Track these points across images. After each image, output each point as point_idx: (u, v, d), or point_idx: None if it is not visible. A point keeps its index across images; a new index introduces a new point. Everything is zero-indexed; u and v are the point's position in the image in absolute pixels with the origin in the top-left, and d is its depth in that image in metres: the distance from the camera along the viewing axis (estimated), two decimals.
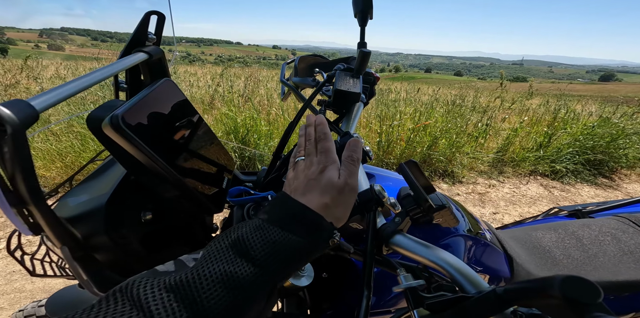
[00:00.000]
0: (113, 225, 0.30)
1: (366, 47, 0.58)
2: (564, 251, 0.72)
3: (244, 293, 0.24)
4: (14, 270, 1.47)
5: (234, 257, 0.26)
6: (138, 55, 0.36)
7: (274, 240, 0.27)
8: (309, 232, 0.29)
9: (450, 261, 0.28)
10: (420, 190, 0.32)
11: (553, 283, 0.17)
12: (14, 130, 0.20)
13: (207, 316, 0.22)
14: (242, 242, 0.27)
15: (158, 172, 0.30)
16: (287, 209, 0.30)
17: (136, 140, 0.27)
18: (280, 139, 0.51)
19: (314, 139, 0.37)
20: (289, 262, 0.27)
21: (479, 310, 0.22)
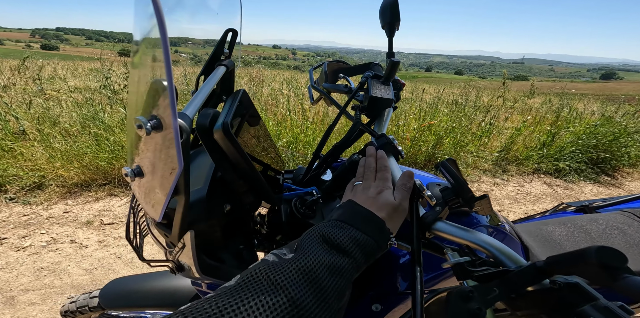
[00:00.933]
0: (209, 214, 0.36)
1: (394, 56, 0.63)
2: (574, 244, 0.77)
3: (343, 278, 0.29)
4: (42, 266, 1.52)
5: (330, 249, 0.31)
6: (221, 69, 0.42)
7: (355, 237, 0.33)
8: (376, 232, 0.35)
9: (490, 242, 0.33)
10: (464, 183, 0.37)
11: (589, 253, 0.22)
12: (187, 136, 0.26)
13: (323, 294, 0.27)
14: (332, 238, 0.32)
15: (244, 171, 0.36)
16: (358, 213, 0.36)
17: (238, 145, 0.33)
18: (319, 140, 0.57)
19: (374, 168, 0.45)
20: (368, 255, 0.33)
21: (521, 280, 0.27)
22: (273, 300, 0.24)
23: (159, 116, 0.23)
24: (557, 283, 0.26)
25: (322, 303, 0.26)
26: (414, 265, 0.34)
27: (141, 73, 0.26)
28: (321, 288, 0.27)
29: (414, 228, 0.37)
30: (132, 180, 0.28)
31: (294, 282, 0.26)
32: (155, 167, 0.26)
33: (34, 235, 1.75)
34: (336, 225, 0.34)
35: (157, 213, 0.27)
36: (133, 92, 0.29)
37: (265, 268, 0.28)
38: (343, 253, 0.31)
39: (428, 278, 0.50)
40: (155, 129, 0.23)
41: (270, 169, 0.49)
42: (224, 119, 0.32)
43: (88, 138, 2.30)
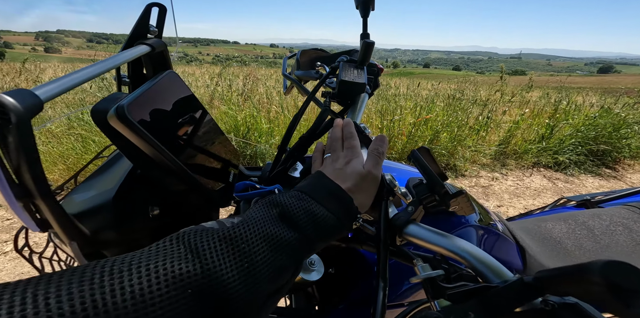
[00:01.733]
0: (121, 220, 0.29)
1: (369, 37, 0.57)
2: (576, 242, 0.71)
3: (285, 255, 0.25)
4: (22, 272, 1.47)
5: (278, 221, 0.27)
6: (140, 47, 0.35)
7: (313, 211, 0.29)
8: (340, 209, 0.30)
9: (470, 250, 0.27)
10: (435, 177, 0.31)
11: (593, 269, 0.16)
12: (19, 118, 0.19)
13: (253, 270, 0.23)
14: (285, 208, 0.28)
15: (165, 165, 0.29)
16: (323, 185, 0.32)
17: (142, 131, 0.26)
18: (284, 133, 0.50)
19: (341, 137, 0.40)
20: (324, 234, 0.29)
21: (505, 300, 0.21)
22: (183, 268, 0.20)
23: None
24: (550, 303, 0.20)
25: (249, 279, 0.22)
26: (378, 278, 0.28)
27: None
28: (252, 262, 0.23)
29: (380, 233, 0.31)
30: None
31: (217, 251, 0.23)
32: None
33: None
34: (295, 196, 0.30)
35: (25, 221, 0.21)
36: None
37: (193, 233, 0.24)
38: (293, 226, 0.27)
39: (407, 287, 0.44)
40: None
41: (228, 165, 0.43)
42: (120, 102, 0.25)
43: (73, 139, 2.23)
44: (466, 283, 0.24)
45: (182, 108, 0.35)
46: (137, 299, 0.18)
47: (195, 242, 0.23)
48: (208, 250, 0.22)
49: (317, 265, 0.44)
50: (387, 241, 0.31)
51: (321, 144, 0.44)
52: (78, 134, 2.24)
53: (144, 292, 0.18)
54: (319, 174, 0.34)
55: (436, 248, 0.29)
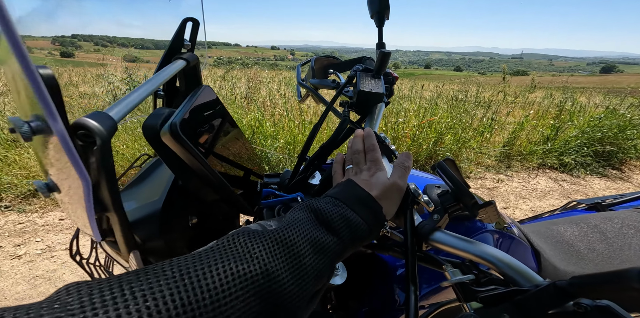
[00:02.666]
0: (167, 230, 0.31)
1: (385, 47, 0.59)
2: (588, 245, 0.72)
3: (326, 258, 0.27)
4: (37, 274, 1.49)
5: (318, 225, 0.29)
6: (178, 62, 0.37)
7: (347, 216, 0.30)
8: (370, 215, 0.32)
9: (498, 256, 0.28)
10: (464, 188, 0.32)
11: (630, 276, 0.17)
12: (102, 141, 0.21)
13: (302, 271, 0.24)
14: (323, 213, 0.30)
15: (205, 177, 0.31)
16: (355, 193, 0.34)
17: (191, 148, 0.28)
18: (305, 142, 0.52)
19: (362, 150, 0.42)
20: (357, 239, 0.30)
21: (538, 303, 0.22)
22: (245, 269, 0.22)
23: (41, 116, 0.17)
24: (583, 306, 0.21)
25: (299, 280, 0.24)
26: (408, 282, 0.29)
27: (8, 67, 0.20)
28: (301, 264, 0.25)
29: (408, 240, 0.32)
30: (46, 197, 0.23)
31: (271, 253, 0.24)
32: (64, 180, 0.21)
33: (29, 243, 1.72)
34: (330, 202, 0.32)
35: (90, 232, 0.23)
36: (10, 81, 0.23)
37: (244, 236, 0.25)
38: (331, 231, 0.29)
39: (429, 290, 0.45)
40: (40, 133, 0.17)
41: (253, 174, 0.44)
42: (173, 119, 0.27)
43: None
44: (497, 287, 0.26)
45: (216, 121, 0.37)
46: (214, 298, 0.19)
47: (251, 243, 0.24)
48: (264, 251, 0.24)
49: (340, 269, 0.45)
50: (414, 247, 0.32)
51: (341, 155, 0.46)
52: None
53: (218, 291, 0.19)
54: (350, 182, 0.36)
55: (464, 254, 0.30)
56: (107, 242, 0.30)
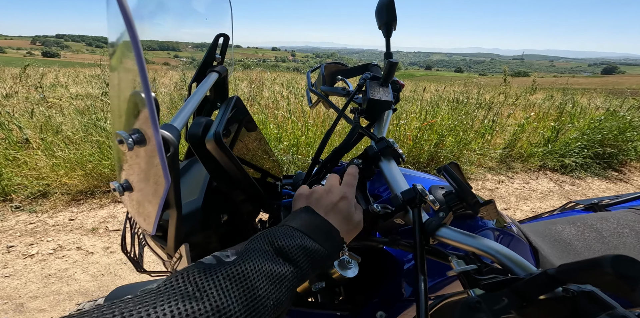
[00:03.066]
0: (206, 226, 0.35)
1: (392, 57, 0.62)
2: (585, 243, 0.75)
3: (284, 288, 0.28)
4: (49, 273, 1.53)
5: (275, 256, 0.29)
6: (213, 75, 0.42)
7: (305, 246, 0.32)
8: (329, 241, 0.34)
9: (498, 249, 0.32)
10: (468, 189, 0.36)
11: (604, 262, 0.21)
12: (175, 149, 0.25)
13: (257, 304, 0.25)
14: (280, 245, 0.30)
15: (239, 179, 0.35)
16: (313, 221, 0.36)
17: (231, 154, 0.32)
18: (318, 145, 0.56)
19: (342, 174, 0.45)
20: (315, 265, 0.32)
21: (531, 289, 0.26)
22: (194, 307, 0.22)
23: (141, 130, 0.21)
24: (571, 291, 0.25)
25: (254, 313, 0.24)
26: (417, 273, 0.33)
27: (120, 79, 0.24)
28: (255, 297, 0.25)
29: (416, 235, 0.36)
30: (121, 195, 0.27)
31: (223, 289, 0.24)
32: (143, 181, 0.25)
33: (40, 242, 1.76)
34: (288, 234, 0.32)
35: (149, 226, 0.26)
36: (114, 99, 0.27)
37: (195, 272, 0.25)
38: (289, 261, 0.30)
39: (433, 284, 0.49)
40: (138, 143, 0.22)
41: (269, 176, 0.48)
42: (216, 129, 0.31)
43: (90, 145, 2.31)
44: (497, 275, 0.29)
45: (245, 128, 0.41)
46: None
47: (202, 281, 0.24)
48: (215, 289, 0.23)
49: (352, 263, 0.49)
50: (422, 242, 0.36)
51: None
52: (96, 141, 2.32)
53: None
54: (308, 211, 0.37)
55: (468, 248, 0.34)
56: (154, 237, 0.34)
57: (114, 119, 0.29)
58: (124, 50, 0.20)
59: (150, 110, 0.19)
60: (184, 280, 0.24)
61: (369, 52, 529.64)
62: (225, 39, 0.45)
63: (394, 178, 0.47)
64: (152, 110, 0.19)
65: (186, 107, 0.33)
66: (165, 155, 0.21)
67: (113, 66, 0.25)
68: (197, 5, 0.43)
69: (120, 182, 0.26)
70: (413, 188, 0.41)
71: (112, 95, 0.28)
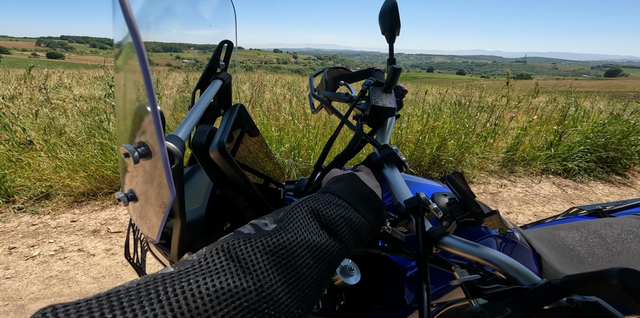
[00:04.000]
0: (209, 233, 0.35)
1: (396, 63, 0.63)
2: (588, 249, 0.75)
3: (327, 265, 0.25)
4: (51, 275, 1.53)
5: (319, 229, 0.27)
6: (217, 82, 0.42)
7: (349, 218, 0.29)
8: (372, 214, 0.32)
9: (501, 258, 0.32)
10: (472, 199, 0.36)
11: (611, 274, 0.21)
12: (179, 160, 0.25)
13: (301, 283, 0.23)
14: (323, 215, 0.28)
15: (242, 188, 0.35)
16: (357, 190, 0.33)
17: (234, 163, 0.32)
18: (321, 152, 0.56)
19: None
20: (359, 240, 0.29)
21: (535, 299, 0.26)
22: (238, 286, 0.20)
23: (147, 143, 0.21)
24: (575, 302, 0.25)
25: (297, 292, 0.22)
26: (421, 281, 0.33)
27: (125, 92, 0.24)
28: (299, 275, 0.23)
29: (419, 244, 0.36)
30: (125, 205, 0.27)
31: (265, 265, 0.22)
32: (148, 192, 0.25)
33: (42, 244, 1.77)
34: (332, 202, 0.30)
35: (154, 235, 0.27)
36: (120, 112, 0.27)
37: (236, 243, 0.23)
38: (334, 235, 0.27)
39: (435, 291, 0.49)
40: (144, 156, 0.22)
41: (272, 181, 0.48)
42: (220, 138, 0.31)
43: (93, 147, 2.33)
44: (500, 285, 0.29)
45: (248, 135, 0.41)
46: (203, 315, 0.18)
47: (243, 255, 0.22)
48: (257, 265, 0.22)
49: (355, 270, 0.49)
50: (426, 250, 0.36)
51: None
52: (98, 143, 2.33)
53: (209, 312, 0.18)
54: (353, 177, 0.34)
55: (471, 257, 0.34)
56: (157, 245, 0.35)
57: (119, 131, 0.29)
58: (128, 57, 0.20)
59: (156, 124, 0.19)
60: (225, 254, 0.22)
61: (371, 54, 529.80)
62: (229, 46, 0.45)
63: (397, 186, 0.47)
64: (157, 124, 0.19)
65: (190, 116, 0.34)
66: (170, 168, 0.21)
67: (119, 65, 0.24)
68: (203, 11, 0.43)
69: (125, 192, 0.26)
70: (416, 197, 0.41)
71: (117, 107, 0.28)
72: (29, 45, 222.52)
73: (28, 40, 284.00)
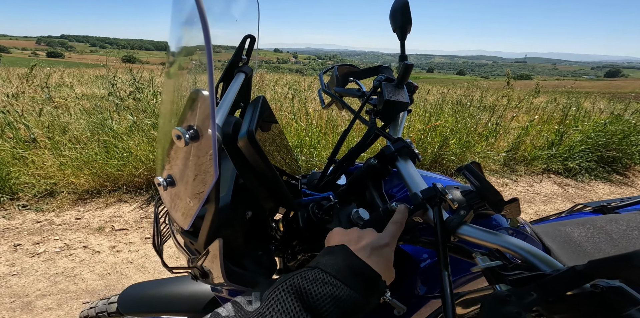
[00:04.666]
0: (234, 221, 0.36)
1: (407, 59, 0.64)
2: (595, 245, 0.75)
3: None
4: (56, 272, 1.54)
5: (301, 312, 0.26)
6: (241, 75, 0.43)
7: (338, 296, 0.28)
8: (366, 289, 0.30)
9: (522, 245, 0.33)
10: (491, 187, 0.36)
11: (635, 257, 0.21)
12: (220, 145, 0.26)
13: None
14: (308, 295, 0.27)
15: (266, 177, 0.36)
16: (350, 264, 0.31)
17: (262, 152, 0.33)
18: (335, 145, 0.57)
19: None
20: (350, 315, 0.28)
21: (560, 285, 0.26)
22: None
23: (197, 127, 0.22)
24: (599, 287, 0.26)
25: None
26: (441, 270, 0.33)
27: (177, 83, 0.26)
28: None
29: (438, 233, 0.37)
30: (164, 190, 0.28)
31: None
32: (188, 176, 0.26)
33: (47, 241, 1.77)
34: (319, 279, 0.28)
35: (186, 221, 0.27)
36: (167, 101, 0.29)
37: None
38: (317, 317, 0.26)
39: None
40: (193, 139, 0.23)
41: (287, 175, 0.49)
42: (248, 127, 0.32)
43: (97, 145, 2.33)
44: (522, 271, 0.30)
45: (270, 127, 0.42)
46: None
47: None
48: None
49: None
50: (445, 239, 0.37)
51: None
52: (102, 140, 2.34)
53: None
54: (344, 250, 0.32)
55: (491, 245, 0.35)
56: (184, 233, 0.35)
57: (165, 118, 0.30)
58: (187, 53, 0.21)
59: (211, 108, 0.20)
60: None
61: (371, 54, 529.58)
62: (251, 40, 0.46)
63: (411, 177, 0.47)
64: (212, 108, 0.20)
65: (222, 106, 0.35)
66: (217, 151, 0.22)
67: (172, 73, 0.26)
68: (234, 9, 0.44)
69: (164, 177, 0.27)
70: (433, 186, 0.42)
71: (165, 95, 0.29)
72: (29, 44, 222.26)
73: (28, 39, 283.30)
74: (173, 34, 0.24)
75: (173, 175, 0.27)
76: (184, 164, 0.25)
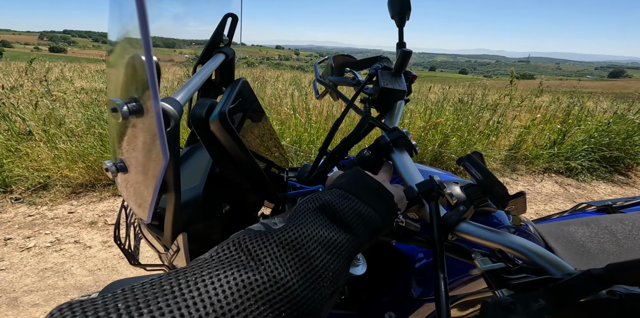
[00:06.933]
0: (207, 215, 0.32)
1: (405, 46, 0.60)
2: (599, 245, 0.72)
3: (340, 257, 0.25)
4: (46, 267, 1.51)
5: (329, 222, 0.27)
6: (220, 56, 0.39)
7: (359, 210, 0.28)
8: (382, 206, 0.31)
9: (528, 246, 0.29)
10: (496, 179, 0.33)
11: None
12: (175, 123, 0.22)
13: (315, 274, 0.23)
14: (332, 208, 0.28)
15: (244, 166, 0.32)
16: (364, 183, 0.32)
17: (236, 136, 0.29)
18: (326, 136, 0.53)
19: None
20: (372, 233, 0.29)
21: (573, 291, 0.23)
22: (251, 278, 0.20)
23: (139, 98, 0.19)
24: (617, 293, 0.22)
25: (313, 284, 0.22)
26: (437, 270, 0.30)
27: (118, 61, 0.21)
28: (312, 267, 0.23)
29: (435, 230, 0.33)
30: (114, 176, 0.24)
31: (278, 257, 0.22)
32: (139, 160, 0.22)
33: (38, 235, 1.74)
34: (339, 195, 0.29)
35: (144, 213, 0.24)
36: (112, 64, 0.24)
37: (246, 238, 0.23)
38: (344, 228, 0.27)
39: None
40: (135, 113, 0.19)
41: (274, 166, 0.46)
42: (221, 109, 0.28)
43: (93, 138, 2.29)
44: (528, 275, 0.27)
45: (252, 113, 0.38)
46: (218, 312, 0.18)
47: (255, 248, 0.22)
48: (269, 257, 0.22)
49: (361, 260, 0.46)
50: (441, 238, 0.33)
51: None
52: (98, 133, 2.30)
53: (223, 305, 0.18)
54: (357, 172, 0.34)
55: (492, 245, 0.31)
56: (150, 227, 0.32)
57: (110, 87, 0.26)
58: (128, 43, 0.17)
59: (150, 76, 0.16)
60: (236, 248, 0.22)
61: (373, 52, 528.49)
62: (233, 20, 0.42)
63: (407, 170, 0.44)
64: (152, 76, 0.16)
65: (190, 82, 0.30)
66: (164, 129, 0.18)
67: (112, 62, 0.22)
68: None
69: (114, 162, 0.23)
70: (430, 180, 0.38)
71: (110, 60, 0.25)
72: (31, 39, 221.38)
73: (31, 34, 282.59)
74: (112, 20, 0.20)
75: (124, 159, 0.24)
76: (134, 146, 0.22)
